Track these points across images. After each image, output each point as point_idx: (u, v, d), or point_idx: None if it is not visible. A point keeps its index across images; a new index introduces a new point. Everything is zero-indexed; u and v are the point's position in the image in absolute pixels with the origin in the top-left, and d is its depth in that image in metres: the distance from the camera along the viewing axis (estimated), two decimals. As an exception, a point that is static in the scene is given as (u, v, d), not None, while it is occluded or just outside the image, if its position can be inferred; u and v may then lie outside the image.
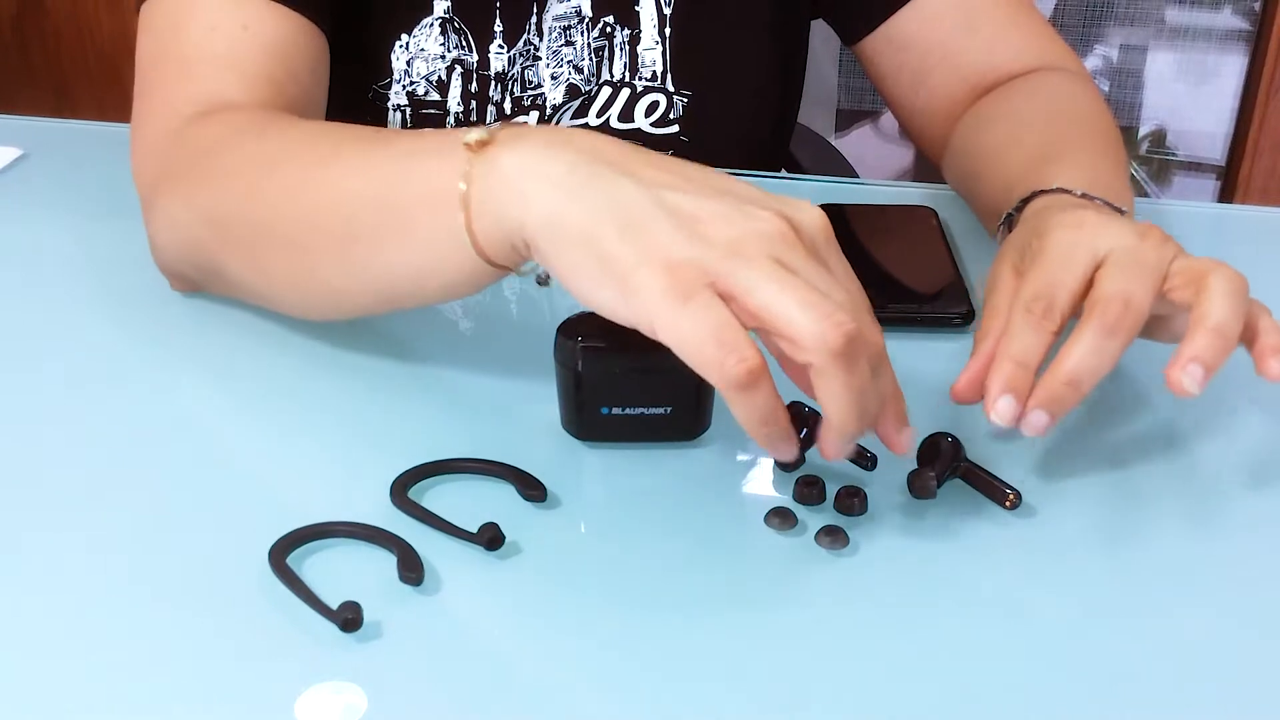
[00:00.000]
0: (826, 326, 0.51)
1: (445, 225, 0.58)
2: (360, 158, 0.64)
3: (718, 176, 0.57)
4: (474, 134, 0.58)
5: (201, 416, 0.68)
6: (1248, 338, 0.61)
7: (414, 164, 0.61)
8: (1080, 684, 0.52)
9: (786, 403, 0.63)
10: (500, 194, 0.56)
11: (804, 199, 0.56)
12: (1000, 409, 0.59)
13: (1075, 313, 0.62)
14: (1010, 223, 0.72)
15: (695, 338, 0.51)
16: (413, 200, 0.60)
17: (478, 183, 0.57)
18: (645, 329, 0.53)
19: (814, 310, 0.52)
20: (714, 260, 0.52)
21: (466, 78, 0.90)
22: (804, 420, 0.63)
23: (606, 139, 0.58)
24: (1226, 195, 1.97)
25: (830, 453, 0.56)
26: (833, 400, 0.53)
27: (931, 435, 0.62)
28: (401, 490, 0.61)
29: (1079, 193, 0.70)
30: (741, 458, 0.64)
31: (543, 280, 0.60)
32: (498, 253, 0.58)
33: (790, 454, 0.56)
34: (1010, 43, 0.91)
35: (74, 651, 0.53)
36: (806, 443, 0.63)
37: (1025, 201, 0.71)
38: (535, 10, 0.89)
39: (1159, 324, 0.63)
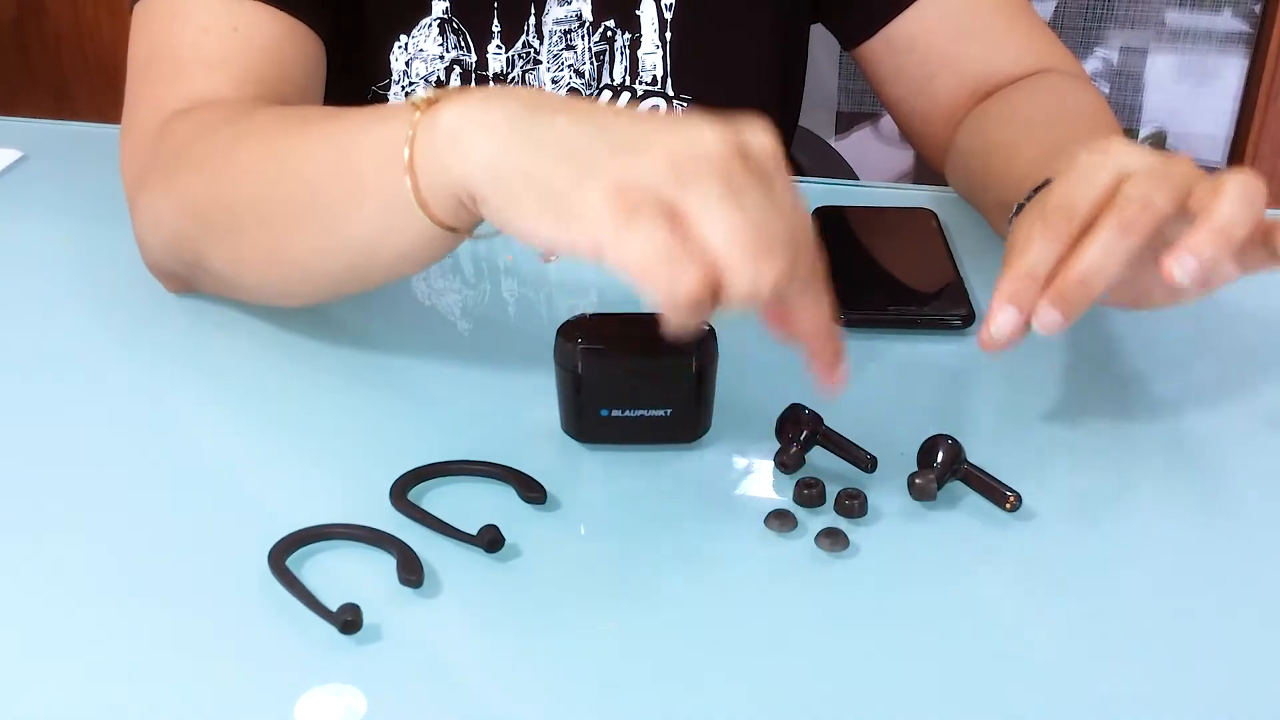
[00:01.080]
0: (762, 273, 0.51)
1: (393, 188, 0.58)
2: (318, 131, 0.65)
3: (660, 113, 0.56)
4: (421, 94, 0.58)
5: (201, 418, 0.68)
6: (1263, 231, 0.60)
7: (365, 130, 0.62)
8: (1081, 686, 0.52)
9: (787, 404, 0.64)
10: (442, 150, 0.56)
11: (752, 121, 0.55)
12: (999, 321, 0.59)
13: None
14: (1021, 211, 0.72)
15: (644, 258, 0.50)
16: (363, 166, 0.61)
17: (421, 142, 0.57)
18: (590, 254, 0.52)
19: (752, 253, 0.51)
20: (658, 179, 0.51)
21: (465, 78, 0.90)
22: (803, 422, 0.63)
23: (549, 93, 0.58)
24: (1226, 197, 1.97)
25: None
26: (732, 309, 0.52)
27: (932, 437, 0.62)
28: (401, 492, 0.61)
29: None
30: (741, 460, 0.64)
31: (547, 257, 0.60)
32: (446, 212, 0.58)
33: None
34: (1010, 46, 0.91)
35: (74, 653, 0.53)
36: (806, 445, 0.63)
37: (1037, 190, 0.71)
38: (534, 11, 0.89)
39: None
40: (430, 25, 0.88)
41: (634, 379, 0.62)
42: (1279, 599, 0.57)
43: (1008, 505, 0.61)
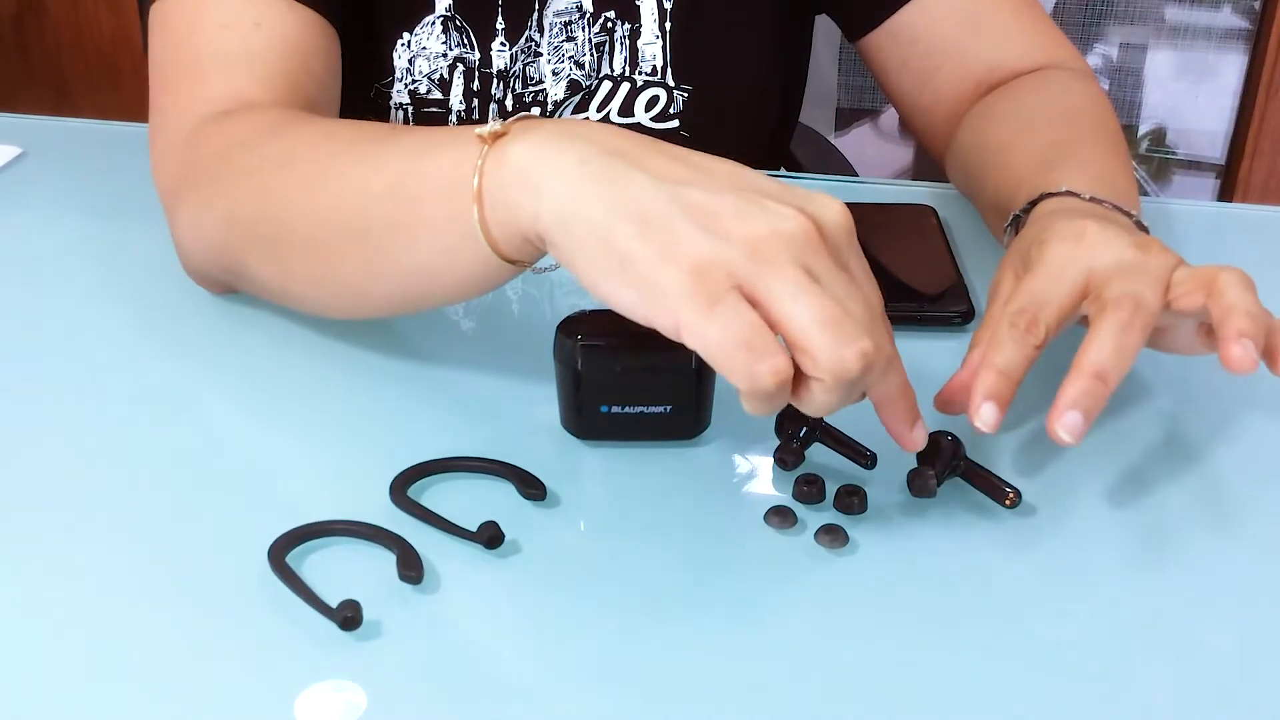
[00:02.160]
0: (847, 354, 0.51)
1: (458, 219, 0.58)
2: (375, 153, 0.64)
3: (735, 169, 0.56)
4: (488, 126, 0.58)
5: (201, 415, 0.68)
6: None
7: (428, 157, 0.61)
8: (1081, 683, 0.52)
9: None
10: (512, 187, 0.56)
11: (825, 192, 0.55)
12: (984, 415, 0.59)
13: (1061, 329, 0.61)
14: (1017, 225, 0.72)
15: (724, 344, 0.51)
16: (426, 194, 0.60)
17: (490, 175, 0.56)
18: (668, 331, 0.52)
19: (836, 334, 0.51)
20: (739, 262, 0.51)
21: (469, 76, 0.90)
22: (803, 418, 0.63)
23: (621, 131, 0.57)
24: (1226, 194, 1.97)
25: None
26: (818, 405, 0.53)
27: (931, 434, 0.62)
28: (401, 489, 0.61)
29: (1087, 196, 0.70)
30: (741, 457, 0.64)
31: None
32: (511, 247, 0.57)
33: None
34: (1016, 41, 0.91)
35: (74, 650, 0.53)
36: (806, 442, 0.63)
37: (1033, 204, 0.71)
38: (536, 7, 0.89)
39: (1163, 335, 0.63)
40: (433, 23, 0.88)
41: (634, 376, 0.62)
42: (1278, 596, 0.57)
43: (1007, 502, 0.61)
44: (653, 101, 0.92)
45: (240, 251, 0.70)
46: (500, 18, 0.89)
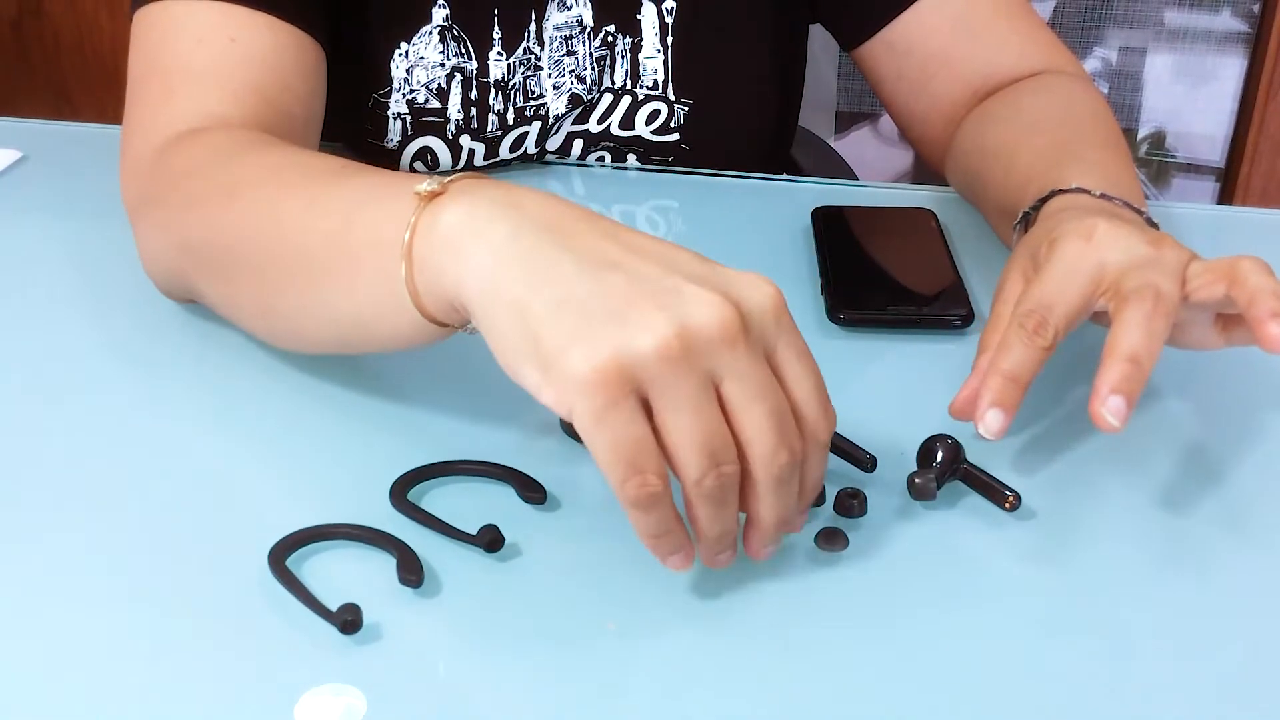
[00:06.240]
0: (708, 478, 0.51)
1: (389, 276, 0.57)
2: (321, 193, 0.63)
3: (669, 249, 0.54)
4: (425, 184, 0.56)
5: (201, 419, 0.68)
6: None
7: (367, 208, 0.60)
8: (1081, 685, 0.52)
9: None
10: (441, 251, 0.55)
11: (755, 272, 0.53)
12: (988, 422, 0.59)
13: (1070, 330, 0.62)
14: (1026, 222, 0.72)
15: (607, 450, 0.50)
16: (360, 245, 0.59)
17: (421, 236, 0.55)
18: (563, 415, 0.51)
19: (702, 456, 0.50)
20: (642, 366, 0.50)
21: (466, 85, 0.90)
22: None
23: (560, 203, 0.55)
24: (1226, 197, 1.97)
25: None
26: (704, 521, 0.53)
27: (931, 437, 0.62)
28: (401, 492, 0.61)
29: (1097, 193, 0.70)
30: (741, 460, 0.64)
31: None
32: (437, 309, 0.56)
33: (682, 566, 0.54)
34: (1011, 47, 0.91)
35: (74, 655, 0.53)
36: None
37: (1043, 201, 0.71)
38: (534, 18, 0.89)
39: (1179, 330, 0.63)
40: (430, 33, 0.88)
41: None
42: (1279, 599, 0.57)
43: (1007, 505, 0.61)
44: (653, 115, 0.92)
45: (191, 275, 0.70)
46: (497, 27, 0.89)
